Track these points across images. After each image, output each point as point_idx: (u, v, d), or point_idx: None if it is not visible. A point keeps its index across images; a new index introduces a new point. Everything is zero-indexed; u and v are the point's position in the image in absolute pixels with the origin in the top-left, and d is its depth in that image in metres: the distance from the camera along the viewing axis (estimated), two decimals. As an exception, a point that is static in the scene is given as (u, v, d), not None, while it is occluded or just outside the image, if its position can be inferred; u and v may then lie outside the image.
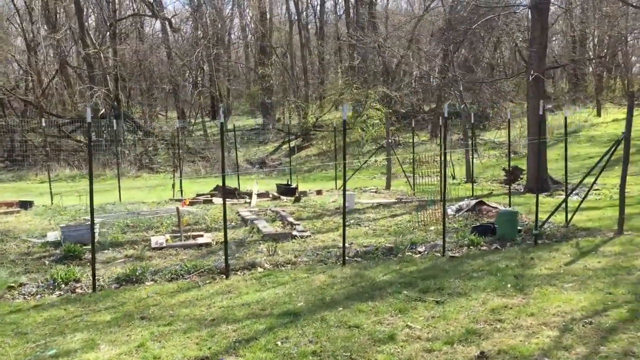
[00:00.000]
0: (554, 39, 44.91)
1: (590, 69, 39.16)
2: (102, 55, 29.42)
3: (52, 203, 16.61)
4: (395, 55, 33.78)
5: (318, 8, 50.34)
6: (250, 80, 49.47)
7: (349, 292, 7.45)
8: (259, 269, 8.67)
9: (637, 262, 8.47)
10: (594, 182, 12.66)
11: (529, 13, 21.17)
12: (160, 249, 10.17)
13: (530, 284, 7.57)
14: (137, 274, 8.08)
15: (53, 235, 11.04)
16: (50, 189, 17.71)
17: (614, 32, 39.32)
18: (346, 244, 10.42)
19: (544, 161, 19.76)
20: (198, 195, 16.95)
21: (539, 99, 19.98)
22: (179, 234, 11.07)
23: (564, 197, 17.29)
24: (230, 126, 45.61)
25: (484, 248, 9.89)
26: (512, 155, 28.76)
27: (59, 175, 25.88)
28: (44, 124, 21.38)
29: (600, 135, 29.90)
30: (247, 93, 48.06)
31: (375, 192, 19.01)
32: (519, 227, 11.01)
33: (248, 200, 16.33)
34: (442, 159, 10.22)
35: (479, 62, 36.73)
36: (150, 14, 36.12)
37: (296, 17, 41.25)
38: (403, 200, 16.07)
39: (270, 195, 17.18)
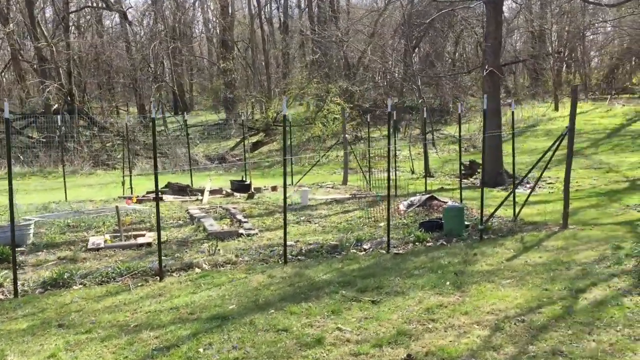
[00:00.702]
0: (514, 34, 45.53)
1: (549, 64, 39.66)
2: (54, 48, 28.50)
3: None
4: (355, 50, 33.63)
5: (282, 1, 50.06)
6: (213, 75, 48.82)
7: (285, 292, 7.23)
8: (197, 270, 8.38)
9: (578, 256, 8.45)
10: (540, 176, 12.72)
11: (484, 8, 21.21)
12: (98, 249, 9.79)
13: (470, 281, 7.47)
14: (64, 277, 7.71)
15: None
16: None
17: (572, 27, 40.02)
18: (292, 242, 10.26)
19: (499, 155, 19.84)
20: (148, 192, 16.51)
21: (495, 94, 20.13)
22: (119, 234, 10.69)
23: (518, 190, 17.56)
24: (192, 121, 45.22)
25: (430, 244, 9.79)
26: (471, 150, 29.12)
27: (7, 172, 24.98)
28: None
29: (557, 129, 30.23)
30: (210, 87, 47.43)
31: (332, 187, 18.85)
32: (467, 223, 10.95)
33: (200, 198, 15.97)
34: (389, 154, 10.05)
35: (440, 57, 36.91)
36: (104, 6, 35.19)
37: (257, 10, 40.73)
38: (357, 195, 15.93)
39: (224, 192, 16.85)
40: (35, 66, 31.82)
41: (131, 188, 17.33)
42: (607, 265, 7.90)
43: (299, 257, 9.12)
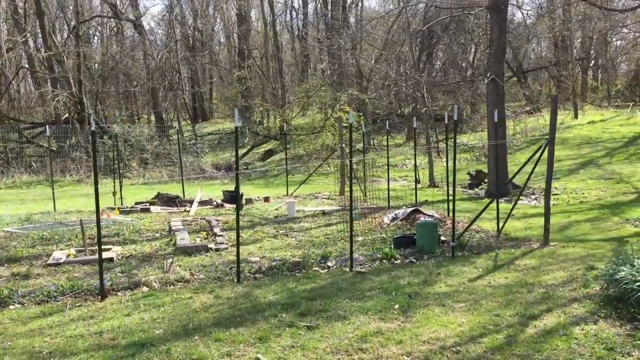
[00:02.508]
0: (535, 42, 44.52)
1: (569, 71, 38.56)
2: (64, 58, 28.77)
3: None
4: (367, 60, 33.24)
5: (301, 10, 49.98)
6: (229, 83, 48.93)
7: (222, 316, 6.87)
8: (144, 289, 8.08)
9: (545, 277, 7.92)
10: (523, 188, 12.10)
11: (487, 14, 20.64)
12: (57, 265, 9.57)
13: (420, 304, 7.02)
14: (2, 296, 7.49)
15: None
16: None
17: (594, 34, 38.96)
18: (257, 258, 9.92)
19: (505, 165, 19.23)
20: (137, 203, 16.35)
21: (499, 102, 19.54)
22: (84, 249, 10.48)
23: (523, 202, 16.94)
24: (210, 129, 45.33)
25: (398, 262, 9.33)
26: (483, 159, 28.37)
27: (15, 181, 25.26)
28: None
29: (573, 138, 29.35)
30: (226, 96, 47.49)
31: (327, 198, 18.45)
32: (444, 238, 10.47)
33: (188, 209, 15.74)
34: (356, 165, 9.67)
35: (455, 65, 36.21)
36: (113, 15, 35.48)
37: (271, 19, 40.64)
38: (347, 207, 15.48)
39: (215, 203, 16.59)
40: (42, 76, 32.24)
41: (121, 199, 17.20)
42: (573, 287, 7.36)
43: (256, 276, 8.75)
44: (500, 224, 11.23)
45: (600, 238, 10.61)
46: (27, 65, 33.01)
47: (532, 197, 18.12)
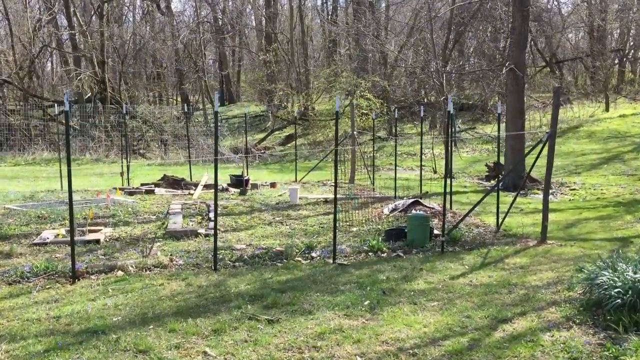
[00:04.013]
0: (571, 31, 43.14)
1: (604, 62, 37.23)
2: (88, 36, 28.98)
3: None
4: (389, 46, 32.66)
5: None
6: (255, 67, 48.81)
7: (186, 305, 6.72)
8: (119, 273, 7.98)
9: (531, 278, 7.55)
10: (525, 179, 11.62)
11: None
12: (44, 244, 9.56)
13: (392, 301, 6.74)
14: (-27, 275, 7.48)
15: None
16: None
17: (632, 24, 37.53)
18: (243, 245, 9.75)
19: (522, 158, 18.67)
20: (142, 184, 16.34)
21: (518, 92, 18.93)
22: (77, 229, 10.45)
23: (538, 196, 16.41)
24: (235, 112, 45.32)
25: (384, 255, 9.03)
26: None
27: (35, 158, 25.63)
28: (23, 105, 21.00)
29: (601, 131, 28.38)
30: (252, 79, 47.39)
31: (337, 185, 18.15)
32: (437, 232, 10.12)
33: (193, 192, 15.67)
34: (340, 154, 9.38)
35: (482, 53, 35.32)
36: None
37: (297, 3, 40.27)
38: (351, 196, 15.22)
39: (220, 187, 16.46)
40: (65, 54, 32.48)
41: (128, 179, 17.23)
42: (556, 290, 6.99)
43: (236, 264, 8.57)
44: (501, 219, 10.81)
45: (604, 237, 10.14)
46: (53, 45, 33.40)
47: (550, 191, 17.56)
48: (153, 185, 16.05)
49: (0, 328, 5.97)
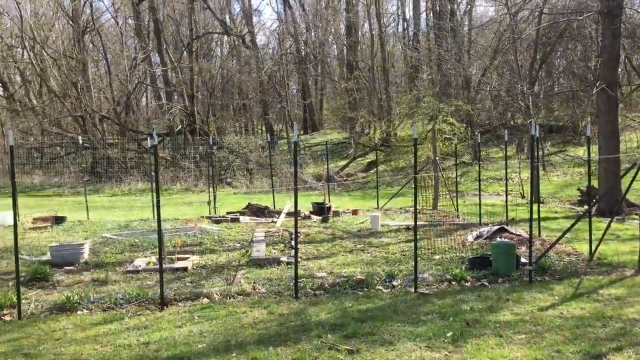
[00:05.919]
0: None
1: None
2: (179, 72, 30.52)
3: (88, 218, 17.14)
4: (472, 69, 32.15)
5: (411, 20, 49.38)
6: (337, 95, 49.47)
7: (268, 333, 6.81)
8: (204, 301, 8.23)
9: (628, 310, 7.10)
10: (621, 203, 10.94)
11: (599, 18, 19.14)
12: (136, 272, 10.03)
13: (476, 333, 6.54)
14: (72, 301, 7.92)
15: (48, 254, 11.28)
16: (87, 203, 18.28)
17: None
18: (324, 274, 9.79)
19: (617, 181, 17.73)
20: (228, 213, 16.84)
21: (611, 113, 18.07)
22: (167, 256, 10.90)
23: (636, 221, 15.43)
24: (318, 140, 45.96)
25: (468, 284, 8.79)
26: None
27: (131, 189, 27.04)
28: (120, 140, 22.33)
29: None
30: (334, 107, 48.03)
31: (420, 212, 17.93)
32: (524, 260, 9.74)
33: (276, 219, 15.96)
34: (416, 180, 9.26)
35: (572, 73, 34.05)
36: (223, 31, 37.09)
37: (378, 31, 40.59)
38: (433, 223, 14.97)
39: (302, 214, 16.69)
40: (157, 90, 34.25)
41: (215, 208, 17.80)
42: (657, 325, 6.53)
43: (317, 292, 8.62)
44: (594, 247, 10.25)
45: None
46: (147, 81, 35.42)
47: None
48: (238, 214, 16.51)
49: (95, 353, 6.30)
